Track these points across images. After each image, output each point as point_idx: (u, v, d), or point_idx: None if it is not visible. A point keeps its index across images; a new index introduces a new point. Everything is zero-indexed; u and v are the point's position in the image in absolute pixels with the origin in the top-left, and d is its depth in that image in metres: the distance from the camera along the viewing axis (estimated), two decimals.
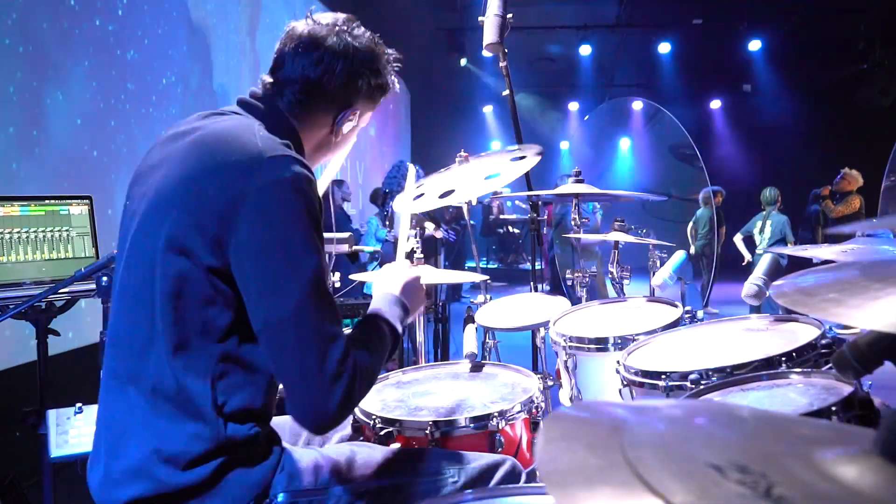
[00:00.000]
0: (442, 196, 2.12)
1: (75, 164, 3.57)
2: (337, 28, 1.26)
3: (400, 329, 1.31)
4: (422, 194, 2.14)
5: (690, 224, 7.80)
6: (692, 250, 7.52)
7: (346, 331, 1.20)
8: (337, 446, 1.41)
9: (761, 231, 6.37)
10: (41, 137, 3.32)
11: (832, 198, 6.60)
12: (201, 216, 1.10)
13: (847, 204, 6.37)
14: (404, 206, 1.82)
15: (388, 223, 4.88)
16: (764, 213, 6.42)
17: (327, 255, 2.63)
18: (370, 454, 1.33)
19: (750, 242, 6.55)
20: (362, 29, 1.31)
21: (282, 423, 1.44)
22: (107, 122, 3.86)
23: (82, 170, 3.61)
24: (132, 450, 1.13)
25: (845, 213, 6.37)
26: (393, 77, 1.36)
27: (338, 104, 1.29)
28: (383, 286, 1.38)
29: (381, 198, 5.08)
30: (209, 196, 1.10)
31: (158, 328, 1.12)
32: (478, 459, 1.34)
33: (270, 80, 1.28)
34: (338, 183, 5.90)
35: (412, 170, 1.98)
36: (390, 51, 1.35)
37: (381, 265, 3.51)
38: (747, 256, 6.51)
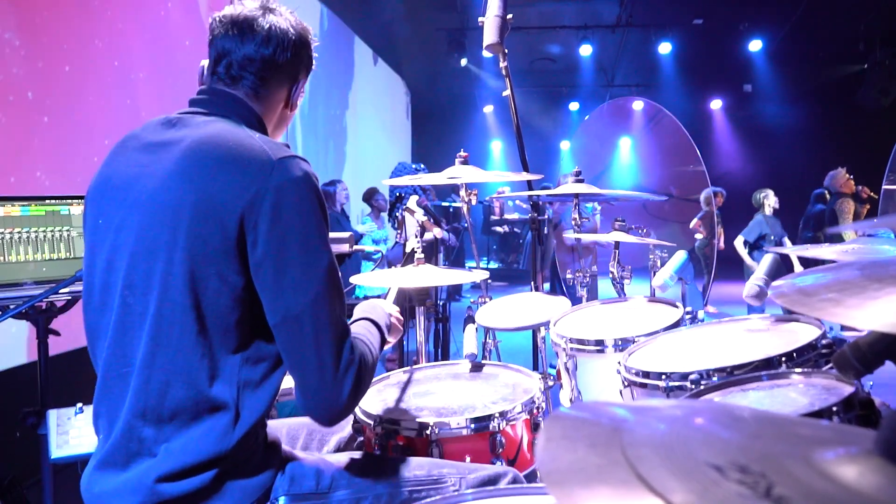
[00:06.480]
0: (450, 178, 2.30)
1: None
2: (267, 7, 1.27)
3: (385, 335, 1.41)
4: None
5: (695, 220, 7.79)
6: (697, 243, 7.51)
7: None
8: (338, 454, 1.42)
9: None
10: None
11: None
12: (222, 220, 1.10)
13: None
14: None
15: (398, 227, 4.80)
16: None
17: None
18: (371, 461, 1.34)
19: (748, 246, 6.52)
20: (282, 6, 1.32)
21: (278, 426, 1.44)
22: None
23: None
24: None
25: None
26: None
27: (290, 79, 1.32)
28: (375, 303, 1.50)
29: (391, 202, 5.04)
30: (226, 201, 1.10)
31: (186, 340, 1.11)
32: (479, 470, 1.34)
33: (222, 70, 1.26)
34: (332, 184, 5.87)
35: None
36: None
37: (389, 266, 3.46)
38: (747, 260, 6.47)
